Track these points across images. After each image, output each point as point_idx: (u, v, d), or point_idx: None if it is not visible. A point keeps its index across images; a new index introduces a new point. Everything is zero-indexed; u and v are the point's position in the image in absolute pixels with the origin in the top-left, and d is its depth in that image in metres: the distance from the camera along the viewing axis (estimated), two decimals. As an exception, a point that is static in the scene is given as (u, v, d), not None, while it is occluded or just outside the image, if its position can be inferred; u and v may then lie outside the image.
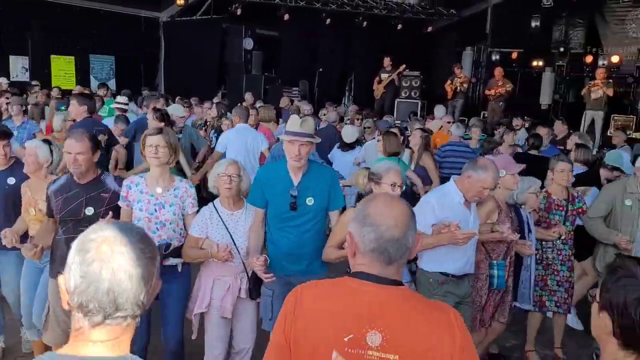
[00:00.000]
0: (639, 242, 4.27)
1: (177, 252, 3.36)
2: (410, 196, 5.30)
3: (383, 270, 1.54)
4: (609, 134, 11.14)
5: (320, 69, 13.87)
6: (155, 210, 3.31)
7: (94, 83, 13.30)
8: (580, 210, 4.49)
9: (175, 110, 6.79)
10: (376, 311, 1.50)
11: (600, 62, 13.68)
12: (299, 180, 3.31)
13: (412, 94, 13.31)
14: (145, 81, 13.63)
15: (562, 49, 14.94)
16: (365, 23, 14.38)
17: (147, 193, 3.32)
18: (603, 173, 5.45)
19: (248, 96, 11.52)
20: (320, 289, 1.64)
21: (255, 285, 3.40)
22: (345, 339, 1.49)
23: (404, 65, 12.54)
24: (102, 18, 13.16)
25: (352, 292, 1.55)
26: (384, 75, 12.66)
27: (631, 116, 12.70)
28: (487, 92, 12.83)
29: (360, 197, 4.73)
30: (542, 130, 7.19)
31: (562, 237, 4.33)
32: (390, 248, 1.52)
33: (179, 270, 3.42)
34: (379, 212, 1.56)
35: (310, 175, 3.35)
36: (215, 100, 10.99)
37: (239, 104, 7.11)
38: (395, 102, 13.15)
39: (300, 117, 3.32)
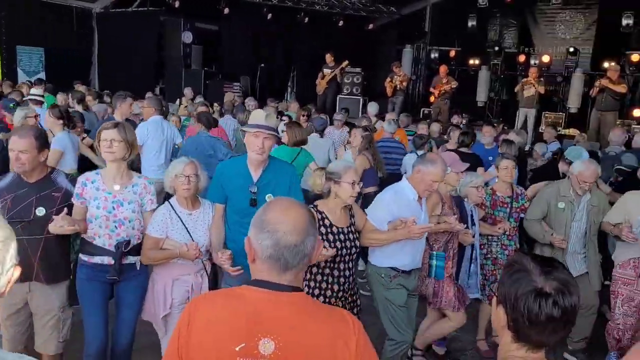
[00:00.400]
0: (572, 244, 4.41)
1: (137, 250, 3.28)
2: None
3: (280, 277, 1.52)
4: (540, 130, 11.61)
5: (262, 65, 13.70)
6: (114, 208, 3.18)
7: (22, 76, 12.59)
8: (523, 207, 4.68)
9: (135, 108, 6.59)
10: (269, 319, 1.48)
11: (532, 62, 14.21)
12: (259, 176, 3.30)
13: (354, 90, 13.41)
14: (78, 75, 13.00)
15: (496, 48, 15.45)
16: (306, 19, 14.34)
17: (104, 190, 3.18)
18: (562, 167, 5.64)
19: (187, 91, 11.25)
20: (215, 299, 1.63)
21: (214, 283, 3.41)
22: (237, 349, 1.46)
23: (346, 62, 12.58)
24: (30, 7, 12.45)
25: (246, 301, 1.52)
26: (326, 71, 12.66)
27: (561, 113, 13.31)
28: (432, 89, 13.09)
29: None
30: (486, 129, 7.36)
31: (507, 233, 4.52)
32: (287, 254, 1.49)
33: (137, 267, 3.33)
34: (277, 217, 1.52)
35: (270, 171, 3.33)
36: (149, 95, 10.63)
37: (151, 94, 6.66)
38: (337, 98, 13.21)
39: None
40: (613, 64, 11.38)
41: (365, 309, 3.65)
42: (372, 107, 9.92)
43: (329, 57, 12.69)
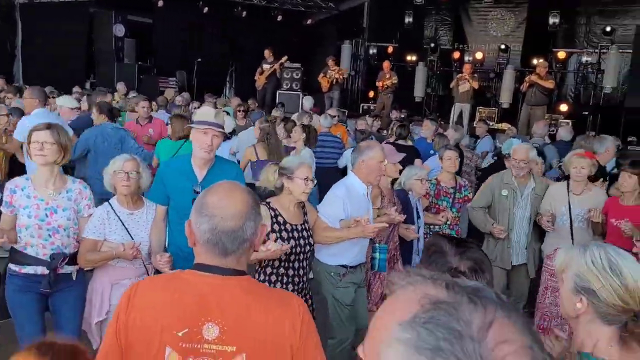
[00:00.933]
0: (517, 233, 4.46)
1: (72, 259, 3.07)
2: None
3: (221, 261, 1.50)
4: (474, 125, 11.95)
5: (199, 59, 13.35)
6: (47, 216, 2.97)
7: (-64, 70, 11.70)
8: (466, 198, 4.81)
9: (66, 102, 6.09)
10: (213, 303, 1.46)
11: (466, 58, 14.65)
12: (204, 176, 3.17)
13: (293, 85, 13.34)
14: (0, 69, 12.24)
15: (432, 45, 15.78)
16: (244, 13, 14.12)
17: (36, 197, 2.96)
18: (506, 163, 5.77)
19: (120, 86, 10.82)
20: (156, 284, 1.60)
21: None
22: (180, 334, 1.44)
23: (285, 57, 12.48)
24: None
25: (188, 285, 1.49)
26: (265, 66, 12.51)
27: (494, 108, 13.77)
28: (377, 83, 13.22)
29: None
30: (426, 124, 7.53)
31: (449, 222, 4.64)
32: (225, 239, 1.47)
33: (74, 278, 3.13)
34: (217, 201, 1.50)
35: (215, 171, 3.20)
36: (76, 90, 10.14)
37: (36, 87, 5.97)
38: (277, 93, 13.10)
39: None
40: (541, 60, 11.87)
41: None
42: (307, 102, 9.98)
43: (267, 53, 12.55)
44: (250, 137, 6.27)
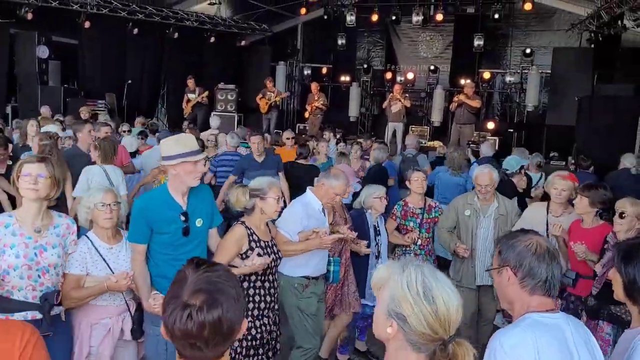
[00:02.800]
0: (481, 252, 4.47)
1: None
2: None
3: None
4: (406, 143, 12.26)
5: (129, 81, 12.98)
6: (36, 255, 2.73)
7: None
8: (436, 219, 4.84)
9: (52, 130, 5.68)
10: None
11: (398, 79, 15.06)
12: (186, 203, 3.15)
13: (228, 107, 13.24)
14: None
15: (365, 66, 16.14)
16: (176, 34, 13.91)
17: (23, 235, 2.71)
18: (515, 179, 6.07)
19: (45, 110, 10.32)
20: None
21: (139, 324, 3.17)
22: None
23: (206, 92, 12.40)
24: None
25: None
26: (191, 96, 12.38)
27: (425, 127, 14.21)
28: (306, 106, 13.33)
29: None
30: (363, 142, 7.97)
31: (418, 243, 4.74)
32: None
33: (63, 319, 2.88)
34: None
35: (193, 196, 3.19)
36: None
37: None
38: (211, 115, 12.92)
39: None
40: (469, 81, 12.38)
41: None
42: (214, 121, 10.03)
43: (190, 83, 12.42)
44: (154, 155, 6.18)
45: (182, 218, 3.09)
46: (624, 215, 3.60)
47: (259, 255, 3.27)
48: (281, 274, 3.77)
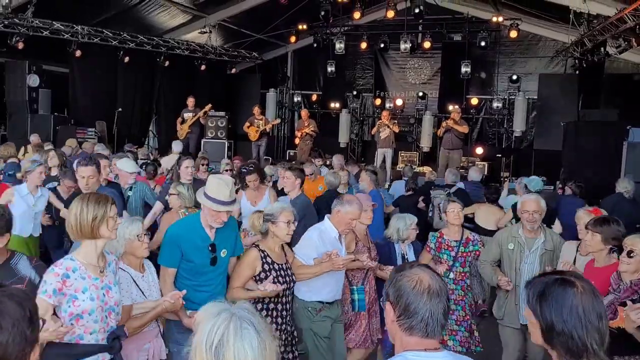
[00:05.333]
0: (523, 279, 4.13)
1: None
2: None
3: None
4: (397, 168, 12.34)
5: (120, 109, 13.02)
6: (104, 295, 2.67)
7: None
8: (477, 253, 4.58)
9: (126, 166, 5.66)
10: None
11: (387, 105, 15.23)
12: (214, 235, 3.38)
13: (219, 134, 13.30)
14: None
15: (355, 93, 16.32)
16: (167, 63, 14.03)
17: (90, 277, 2.63)
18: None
19: (34, 138, 10.31)
20: None
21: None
22: None
23: (209, 105, 12.45)
24: None
25: None
26: (187, 115, 12.40)
27: (415, 152, 14.32)
28: (296, 132, 13.41)
29: None
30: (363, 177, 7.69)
31: (451, 277, 4.48)
32: None
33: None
34: None
35: (221, 228, 3.39)
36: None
37: None
38: (202, 142, 12.98)
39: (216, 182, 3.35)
40: (456, 107, 12.55)
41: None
42: (176, 146, 10.10)
43: (190, 102, 12.47)
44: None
45: (210, 249, 3.34)
46: (632, 254, 3.18)
47: (273, 281, 3.44)
48: (297, 298, 3.91)
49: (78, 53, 12.15)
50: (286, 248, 3.82)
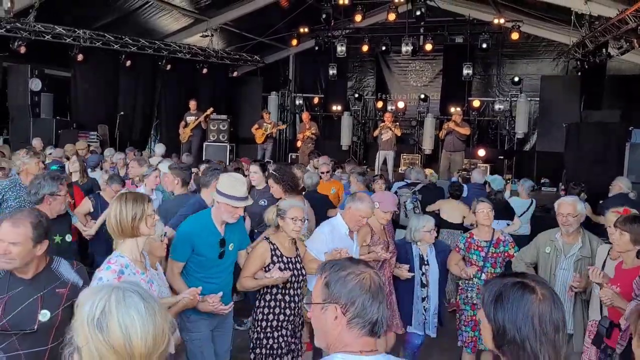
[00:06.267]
0: (557, 285, 4.04)
1: None
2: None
3: None
4: (400, 170, 12.32)
5: (122, 112, 13.04)
6: (150, 288, 2.74)
7: None
8: (507, 254, 4.51)
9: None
10: None
11: (389, 107, 15.22)
12: (223, 230, 3.53)
13: (220, 137, 13.31)
14: None
15: (357, 95, 16.31)
16: (169, 66, 14.05)
17: (138, 272, 2.73)
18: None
19: (36, 142, 10.33)
20: None
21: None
22: None
23: (211, 108, 12.46)
24: None
25: None
26: (190, 118, 12.40)
27: (417, 155, 14.30)
28: (297, 135, 13.41)
29: None
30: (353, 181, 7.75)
31: (482, 277, 4.38)
32: None
33: None
34: None
35: (229, 223, 3.54)
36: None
37: None
38: (204, 145, 13.00)
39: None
40: (458, 109, 12.54)
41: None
42: (159, 148, 10.16)
43: (192, 105, 12.50)
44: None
45: (220, 244, 3.49)
46: None
47: (280, 269, 3.56)
48: (309, 291, 3.95)
49: (80, 57, 12.18)
50: (298, 241, 3.91)
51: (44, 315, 2.45)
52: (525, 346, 1.50)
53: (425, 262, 4.56)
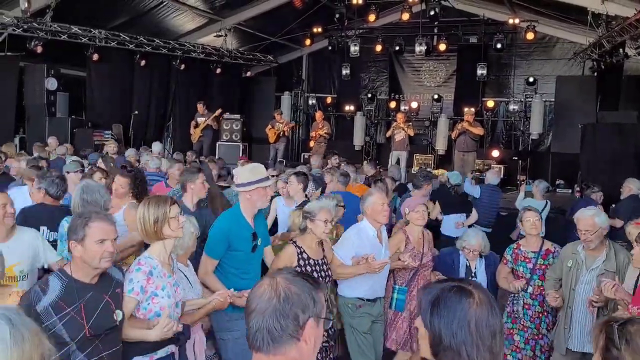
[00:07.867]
0: (579, 312, 3.82)
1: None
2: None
3: None
4: (412, 171, 12.26)
5: (136, 112, 13.15)
6: (175, 292, 2.80)
7: None
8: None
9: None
10: None
11: (402, 107, 15.16)
12: (253, 224, 3.58)
13: (233, 136, 13.35)
14: None
15: (370, 95, 16.28)
16: (183, 66, 14.14)
17: (166, 275, 2.77)
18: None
19: (52, 141, 10.45)
20: None
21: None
22: None
23: (219, 110, 12.51)
24: None
25: None
26: (200, 119, 12.48)
27: (430, 155, 14.23)
28: (311, 134, 13.41)
29: None
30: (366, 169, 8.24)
31: (529, 291, 4.19)
32: None
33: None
34: None
35: (255, 218, 3.62)
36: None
37: None
38: (217, 145, 13.05)
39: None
40: (472, 109, 12.43)
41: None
42: (156, 147, 10.18)
43: (200, 107, 12.56)
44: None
45: (252, 237, 3.52)
46: None
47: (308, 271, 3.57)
48: (338, 295, 4.10)
49: (95, 57, 12.31)
50: (326, 244, 3.91)
51: (119, 314, 2.54)
52: (461, 353, 1.44)
53: (473, 274, 4.43)
